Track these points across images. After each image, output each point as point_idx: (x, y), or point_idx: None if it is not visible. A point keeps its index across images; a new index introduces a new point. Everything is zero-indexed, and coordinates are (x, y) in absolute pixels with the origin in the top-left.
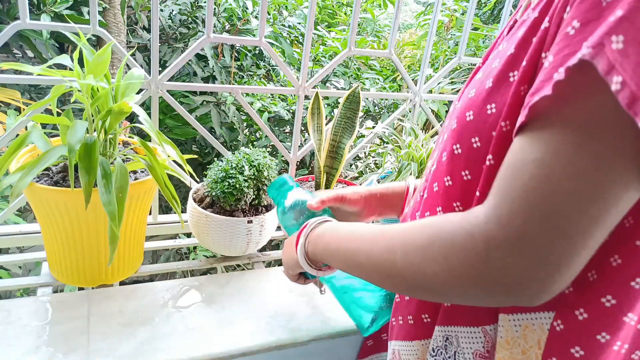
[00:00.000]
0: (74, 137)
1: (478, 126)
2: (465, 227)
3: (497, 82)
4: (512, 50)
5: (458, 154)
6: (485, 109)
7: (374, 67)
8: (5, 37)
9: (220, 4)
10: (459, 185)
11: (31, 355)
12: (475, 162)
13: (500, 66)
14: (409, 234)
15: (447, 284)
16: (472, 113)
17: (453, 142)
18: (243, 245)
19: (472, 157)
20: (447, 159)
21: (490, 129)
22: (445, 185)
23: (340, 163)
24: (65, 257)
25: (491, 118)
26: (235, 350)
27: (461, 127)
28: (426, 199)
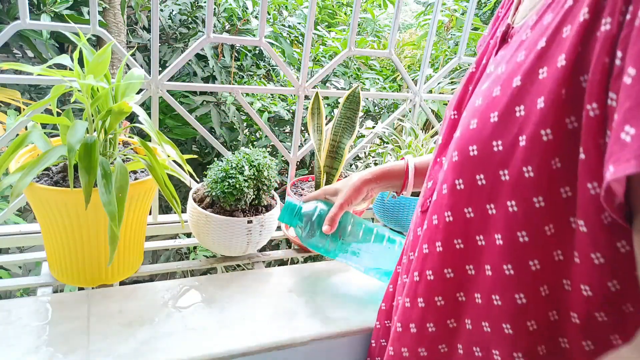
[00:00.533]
0: (74, 137)
1: (504, 157)
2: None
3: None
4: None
5: (460, 189)
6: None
7: (374, 67)
8: (5, 37)
9: (220, 4)
10: (462, 221)
11: (31, 355)
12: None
13: (550, 80)
14: None
15: None
16: (502, 143)
17: (455, 177)
18: (243, 245)
19: (476, 194)
20: (447, 192)
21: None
22: (445, 221)
23: (340, 163)
24: (65, 257)
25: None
26: (235, 350)
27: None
28: (425, 230)
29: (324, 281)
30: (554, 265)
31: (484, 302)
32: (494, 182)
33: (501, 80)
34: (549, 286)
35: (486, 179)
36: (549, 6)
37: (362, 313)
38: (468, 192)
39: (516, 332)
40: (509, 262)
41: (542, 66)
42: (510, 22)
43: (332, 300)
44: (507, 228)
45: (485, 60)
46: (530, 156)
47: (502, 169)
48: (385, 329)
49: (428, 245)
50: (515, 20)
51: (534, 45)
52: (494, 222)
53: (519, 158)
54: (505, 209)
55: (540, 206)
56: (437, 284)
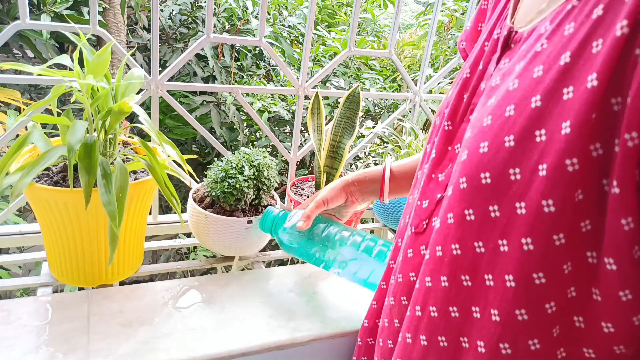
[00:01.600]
0: (74, 137)
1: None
2: None
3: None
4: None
5: (470, 220)
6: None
7: (374, 67)
8: (5, 37)
9: (220, 4)
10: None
11: (31, 355)
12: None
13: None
14: None
15: None
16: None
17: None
18: (243, 246)
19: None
20: (455, 222)
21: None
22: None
23: (340, 163)
24: (65, 257)
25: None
26: (235, 350)
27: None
28: (427, 260)
29: (324, 281)
30: (568, 303)
31: (488, 351)
32: (510, 214)
33: (515, 99)
34: (560, 326)
35: (500, 210)
36: (569, 13)
37: (362, 313)
38: (479, 224)
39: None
40: (523, 307)
41: (568, 85)
42: (511, 24)
43: (332, 300)
44: (521, 269)
45: (482, 66)
46: (552, 188)
47: (518, 201)
48: (374, 327)
49: (431, 278)
50: (515, 23)
51: (554, 60)
52: (505, 261)
53: (538, 190)
54: (519, 247)
55: (561, 244)
56: (440, 322)
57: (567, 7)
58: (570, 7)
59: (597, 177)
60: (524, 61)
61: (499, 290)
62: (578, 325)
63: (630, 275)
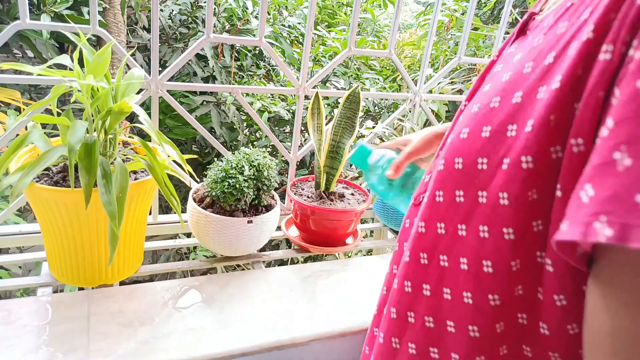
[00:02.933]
0: (74, 137)
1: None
2: None
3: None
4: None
5: (438, 201)
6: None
7: (374, 67)
8: (5, 37)
9: (220, 4)
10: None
11: (31, 355)
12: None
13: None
14: None
15: None
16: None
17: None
18: (243, 245)
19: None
20: (427, 201)
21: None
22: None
23: (340, 163)
24: (65, 257)
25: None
26: (235, 350)
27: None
28: (412, 235)
29: (324, 281)
30: (514, 300)
31: (436, 327)
32: (472, 202)
33: (503, 92)
34: (505, 323)
35: (465, 197)
36: (566, 11)
37: (362, 313)
38: (445, 207)
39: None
40: (469, 291)
41: (543, 84)
42: (538, 9)
43: (332, 300)
44: (474, 255)
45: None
46: (509, 183)
47: (481, 190)
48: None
49: (409, 253)
50: (544, 8)
51: (542, 58)
52: (462, 245)
53: (498, 182)
54: (477, 234)
55: (510, 239)
56: (400, 296)
57: (567, 3)
58: (569, 4)
59: (553, 179)
60: (522, 53)
61: (453, 271)
62: (521, 322)
63: (564, 280)
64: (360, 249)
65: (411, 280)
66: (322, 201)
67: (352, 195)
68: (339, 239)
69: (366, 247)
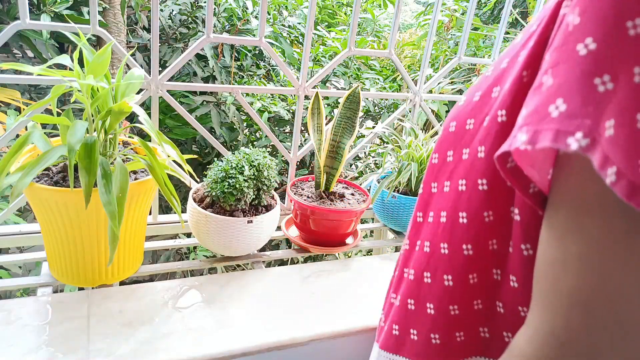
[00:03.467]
0: (74, 137)
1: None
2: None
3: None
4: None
5: (434, 163)
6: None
7: (374, 67)
8: (5, 37)
9: (220, 4)
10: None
11: (31, 355)
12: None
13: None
14: None
15: None
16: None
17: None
18: (243, 245)
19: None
20: (429, 165)
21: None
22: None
23: (340, 163)
24: (65, 257)
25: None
26: (235, 350)
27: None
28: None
29: (323, 281)
30: (488, 254)
31: (415, 279)
32: (457, 160)
33: (494, 67)
34: (478, 275)
35: (454, 156)
36: (556, 9)
37: (362, 313)
38: (438, 168)
39: (439, 312)
40: (446, 242)
41: (522, 51)
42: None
43: (332, 300)
44: (452, 207)
45: None
46: (486, 137)
47: (465, 148)
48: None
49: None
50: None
51: (515, 55)
52: (445, 200)
53: (479, 138)
54: (456, 187)
55: (483, 189)
56: (401, 256)
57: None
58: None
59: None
60: (511, 48)
61: (434, 225)
62: (496, 277)
63: (529, 228)
64: (360, 249)
65: (409, 238)
66: (322, 201)
67: (352, 195)
68: (339, 239)
69: (366, 247)
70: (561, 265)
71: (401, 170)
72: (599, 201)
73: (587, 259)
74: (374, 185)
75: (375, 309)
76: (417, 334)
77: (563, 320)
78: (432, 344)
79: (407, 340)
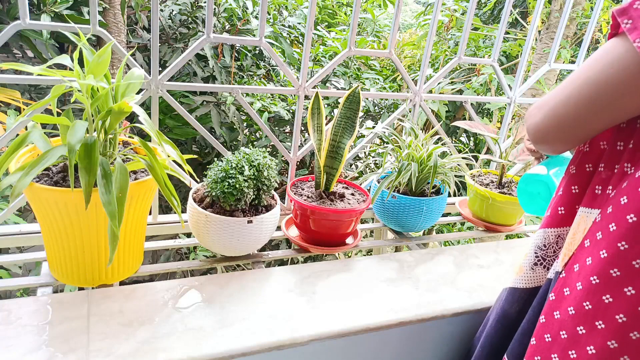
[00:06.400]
0: (74, 137)
1: None
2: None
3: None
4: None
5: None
6: None
7: (374, 67)
8: (5, 37)
9: (220, 4)
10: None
11: (31, 355)
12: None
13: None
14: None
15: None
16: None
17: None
18: (243, 245)
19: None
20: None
21: None
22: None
23: (340, 163)
24: (65, 257)
25: None
26: (235, 350)
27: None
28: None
29: (324, 281)
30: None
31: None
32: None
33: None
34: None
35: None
36: None
37: (362, 313)
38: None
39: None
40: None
41: None
42: None
43: (331, 300)
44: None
45: None
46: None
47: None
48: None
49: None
50: None
51: None
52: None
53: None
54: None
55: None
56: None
57: None
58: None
59: None
60: None
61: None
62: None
63: None
64: (360, 249)
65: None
66: (322, 201)
67: (352, 195)
68: (339, 239)
69: (366, 247)
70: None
71: (401, 170)
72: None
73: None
74: (374, 185)
75: (375, 308)
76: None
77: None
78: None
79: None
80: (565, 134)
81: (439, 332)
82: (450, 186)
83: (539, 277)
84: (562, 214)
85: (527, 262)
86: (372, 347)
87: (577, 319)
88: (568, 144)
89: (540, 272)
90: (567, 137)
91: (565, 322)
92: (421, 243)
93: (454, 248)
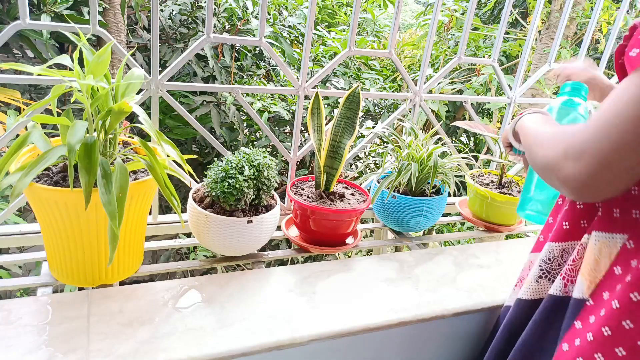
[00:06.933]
0: (74, 137)
1: None
2: None
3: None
4: None
5: None
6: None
7: (374, 67)
8: (5, 37)
9: (220, 4)
10: None
11: (31, 355)
12: None
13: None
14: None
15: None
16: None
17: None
18: (243, 245)
19: None
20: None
21: None
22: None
23: (340, 163)
24: (65, 257)
25: None
26: (235, 350)
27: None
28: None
29: (323, 281)
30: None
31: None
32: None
33: None
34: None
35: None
36: None
37: (362, 313)
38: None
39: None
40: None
41: None
42: None
43: (331, 300)
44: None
45: None
46: None
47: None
48: None
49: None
50: None
51: None
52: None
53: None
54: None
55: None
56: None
57: None
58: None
59: None
60: None
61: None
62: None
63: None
64: (360, 249)
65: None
66: (322, 201)
67: (352, 195)
68: (339, 239)
69: (366, 247)
70: (612, 99)
71: (401, 170)
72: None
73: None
74: (374, 185)
75: (375, 308)
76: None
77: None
78: None
79: None
80: (622, 182)
81: (438, 332)
82: (450, 186)
83: (543, 289)
84: (567, 229)
85: (532, 274)
86: (372, 347)
87: (614, 339)
88: (621, 190)
89: (544, 284)
90: (624, 184)
91: (598, 345)
92: (421, 243)
93: (454, 248)
